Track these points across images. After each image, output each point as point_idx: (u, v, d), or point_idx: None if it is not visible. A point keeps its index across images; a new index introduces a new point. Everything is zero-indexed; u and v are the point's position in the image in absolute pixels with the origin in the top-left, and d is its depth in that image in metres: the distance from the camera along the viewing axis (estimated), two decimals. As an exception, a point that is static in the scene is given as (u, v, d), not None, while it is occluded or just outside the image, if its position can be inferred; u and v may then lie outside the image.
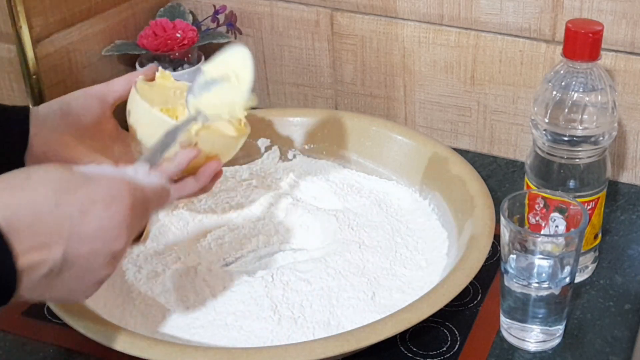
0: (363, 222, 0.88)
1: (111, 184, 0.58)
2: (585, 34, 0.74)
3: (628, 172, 0.96)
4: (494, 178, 0.98)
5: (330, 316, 0.75)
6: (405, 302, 0.72)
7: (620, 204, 0.93)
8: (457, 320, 0.77)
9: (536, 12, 0.93)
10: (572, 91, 0.75)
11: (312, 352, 0.65)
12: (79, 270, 0.56)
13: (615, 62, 0.91)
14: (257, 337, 0.73)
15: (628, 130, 0.94)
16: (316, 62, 1.09)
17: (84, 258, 0.56)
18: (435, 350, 0.74)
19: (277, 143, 0.99)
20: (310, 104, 1.12)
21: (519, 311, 0.73)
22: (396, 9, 1.00)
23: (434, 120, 1.05)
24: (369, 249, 0.83)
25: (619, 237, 0.88)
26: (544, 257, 0.70)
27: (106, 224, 0.56)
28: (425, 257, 0.83)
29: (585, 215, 0.71)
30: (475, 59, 0.99)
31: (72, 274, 0.56)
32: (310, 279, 0.79)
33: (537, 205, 0.74)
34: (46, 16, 0.97)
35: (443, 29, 0.99)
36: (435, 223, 0.87)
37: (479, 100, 1.01)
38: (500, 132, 1.01)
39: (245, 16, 1.10)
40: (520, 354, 0.73)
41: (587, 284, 0.81)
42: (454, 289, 0.71)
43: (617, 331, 0.75)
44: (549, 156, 0.78)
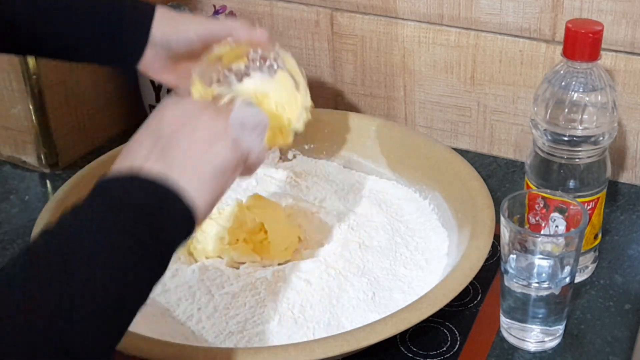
0: (363, 222, 0.88)
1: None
2: (585, 34, 0.74)
3: (628, 172, 0.96)
4: (494, 178, 0.98)
5: (330, 316, 0.75)
6: (405, 302, 0.72)
7: (620, 204, 0.93)
8: (457, 320, 0.77)
9: (536, 12, 0.93)
10: (572, 91, 0.75)
11: (312, 352, 0.65)
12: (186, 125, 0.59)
13: (615, 62, 0.91)
14: (257, 337, 0.73)
15: (628, 130, 0.94)
16: (316, 62, 1.08)
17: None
18: (435, 350, 0.74)
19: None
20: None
21: (519, 311, 0.73)
22: (396, 9, 1.00)
23: (434, 120, 1.05)
24: (369, 249, 0.83)
25: (619, 237, 0.88)
26: (544, 257, 0.70)
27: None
28: (425, 257, 0.83)
29: (585, 215, 0.71)
30: (475, 59, 0.99)
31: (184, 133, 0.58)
32: (310, 279, 0.79)
33: (537, 205, 0.74)
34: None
35: (443, 29, 0.99)
36: (435, 223, 0.87)
37: (479, 100, 1.01)
38: (500, 132, 1.01)
39: (245, 16, 1.10)
40: (520, 354, 0.73)
41: (587, 284, 0.81)
42: (454, 289, 0.71)
43: (617, 331, 0.75)
44: (549, 156, 0.78)
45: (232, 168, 0.60)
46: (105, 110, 1.08)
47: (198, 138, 0.58)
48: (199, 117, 0.59)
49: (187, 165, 0.57)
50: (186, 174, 0.57)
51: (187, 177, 0.56)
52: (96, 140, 1.07)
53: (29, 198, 0.98)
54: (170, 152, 0.57)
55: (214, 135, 0.59)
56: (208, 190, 0.58)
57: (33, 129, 1.00)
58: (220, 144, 0.59)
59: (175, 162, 0.57)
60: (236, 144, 0.60)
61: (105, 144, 1.06)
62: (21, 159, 1.04)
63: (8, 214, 0.95)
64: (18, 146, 1.03)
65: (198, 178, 0.57)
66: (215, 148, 0.59)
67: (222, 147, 0.59)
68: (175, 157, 0.57)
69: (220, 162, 0.59)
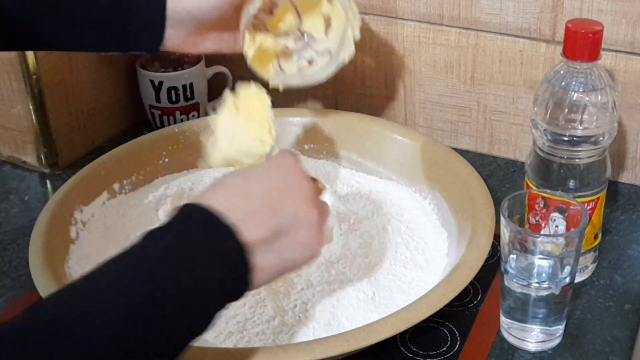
0: (363, 222, 0.88)
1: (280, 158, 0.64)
2: (585, 34, 0.74)
3: (628, 172, 0.96)
4: (494, 178, 0.98)
5: (330, 316, 0.75)
6: (405, 302, 0.72)
7: (620, 204, 0.93)
8: (457, 320, 0.77)
9: (536, 12, 0.93)
10: (572, 91, 0.75)
11: (312, 352, 0.65)
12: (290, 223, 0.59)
13: (615, 62, 0.91)
14: (257, 337, 0.73)
15: (628, 130, 0.94)
16: (316, 62, 1.08)
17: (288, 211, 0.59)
18: (435, 350, 0.74)
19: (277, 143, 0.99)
20: (310, 104, 1.12)
21: (519, 311, 0.73)
22: (396, 9, 1.00)
23: (434, 120, 1.05)
24: (369, 249, 0.83)
25: (619, 237, 0.88)
26: (544, 257, 0.70)
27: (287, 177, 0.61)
28: (425, 257, 0.83)
29: (585, 215, 0.71)
30: (475, 59, 0.99)
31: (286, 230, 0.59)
32: (310, 279, 0.79)
33: (537, 205, 0.74)
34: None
35: (443, 29, 0.99)
36: (435, 223, 0.87)
37: (479, 100, 1.01)
38: (500, 132, 1.01)
39: (245, 16, 1.10)
40: (520, 354, 0.73)
41: (587, 284, 0.81)
42: (454, 289, 0.71)
43: (617, 331, 0.75)
44: (549, 156, 0.78)
45: (300, 267, 0.62)
46: (105, 110, 1.08)
47: (301, 237, 0.60)
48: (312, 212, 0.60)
49: (276, 251, 0.58)
50: (268, 260, 0.58)
51: (267, 262, 0.58)
52: (96, 140, 1.07)
53: (29, 198, 0.98)
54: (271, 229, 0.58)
55: (311, 244, 0.61)
56: (265, 282, 0.59)
57: (33, 129, 1.00)
58: (308, 254, 0.61)
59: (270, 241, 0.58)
60: (320, 248, 0.62)
61: (105, 144, 1.06)
62: (21, 159, 1.04)
63: (8, 214, 0.95)
64: (18, 146, 1.03)
65: (275, 272, 0.59)
66: (303, 258, 0.61)
67: (307, 258, 0.61)
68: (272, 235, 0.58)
69: (295, 269, 0.62)
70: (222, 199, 0.57)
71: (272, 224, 0.58)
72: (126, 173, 0.92)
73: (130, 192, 0.92)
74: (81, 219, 0.86)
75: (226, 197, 0.57)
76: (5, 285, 0.83)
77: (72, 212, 0.85)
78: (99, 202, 0.89)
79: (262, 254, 0.57)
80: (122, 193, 0.91)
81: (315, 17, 0.83)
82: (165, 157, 0.95)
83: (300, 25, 0.83)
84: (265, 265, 0.58)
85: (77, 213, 0.85)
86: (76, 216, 0.85)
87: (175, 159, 0.96)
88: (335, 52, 0.84)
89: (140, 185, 0.93)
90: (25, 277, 0.83)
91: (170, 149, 0.96)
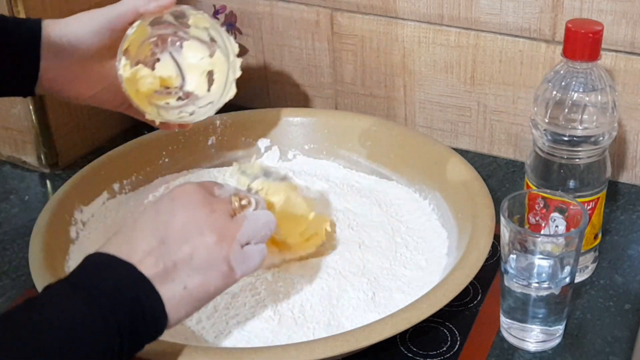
0: (363, 222, 0.88)
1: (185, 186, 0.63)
2: (585, 34, 0.74)
3: (628, 172, 0.96)
4: (494, 178, 0.98)
5: (330, 316, 0.75)
6: (405, 302, 0.72)
7: (620, 204, 0.93)
8: (457, 320, 0.77)
9: (536, 12, 0.93)
10: (572, 91, 0.75)
11: (312, 352, 0.65)
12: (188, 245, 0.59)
13: (615, 62, 0.91)
14: (257, 337, 0.73)
15: (628, 130, 0.94)
16: (316, 62, 1.08)
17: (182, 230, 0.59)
18: (435, 350, 0.74)
19: (277, 143, 0.99)
20: (310, 104, 1.12)
21: (519, 311, 0.73)
22: (396, 9, 1.00)
23: (434, 120, 1.05)
24: (369, 249, 0.83)
25: (619, 237, 0.88)
26: (544, 257, 0.70)
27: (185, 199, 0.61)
28: (425, 257, 0.83)
29: (585, 215, 0.71)
30: (475, 59, 0.99)
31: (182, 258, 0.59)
32: (310, 279, 0.79)
33: (537, 205, 0.74)
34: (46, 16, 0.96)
35: (443, 29, 0.99)
36: (435, 223, 0.87)
37: (479, 100, 1.01)
38: (500, 132, 1.01)
39: (245, 16, 1.10)
40: (520, 354, 0.73)
41: (587, 284, 0.81)
42: (454, 289, 0.71)
43: (617, 331, 0.75)
44: (549, 156, 0.78)
45: (218, 292, 0.62)
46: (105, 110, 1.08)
47: (197, 260, 0.59)
48: (203, 234, 0.60)
49: (177, 282, 0.59)
50: (173, 289, 0.58)
51: (171, 292, 0.58)
52: (96, 140, 1.07)
53: (29, 198, 0.98)
54: (167, 262, 0.58)
55: (211, 265, 0.60)
56: (186, 310, 0.60)
57: (33, 129, 1.00)
58: (216, 275, 0.60)
59: (169, 275, 0.58)
60: (231, 273, 0.61)
61: (105, 144, 1.06)
62: (21, 159, 1.04)
63: (8, 214, 0.95)
64: (18, 146, 1.03)
65: (181, 297, 0.59)
66: (209, 278, 0.60)
67: (216, 278, 0.60)
68: (168, 268, 0.58)
69: (208, 290, 0.61)
70: (115, 246, 0.59)
71: (167, 256, 0.58)
72: (126, 173, 0.92)
73: (130, 192, 0.92)
74: (81, 219, 0.86)
75: (118, 243, 0.59)
76: (5, 285, 0.83)
77: (72, 212, 0.85)
78: (99, 202, 0.89)
79: (164, 285, 0.58)
80: (122, 193, 0.91)
81: (198, 77, 0.80)
82: (165, 157, 0.95)
83: (184, 85, 0.80)
84: (171, 295, 0.58)
85: (77, 213, 0.85)
86: (76, 216, 0.85)
87: (175, 159, 0.96)
88: (217, 100, 0.80)
89: (140, 185, 0.93)
90: (25, 277, 0.83)
91: (170, 149, 0.96)
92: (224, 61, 0.78)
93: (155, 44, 0.78)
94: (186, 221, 0.60)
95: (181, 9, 0.76)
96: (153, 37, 0.77)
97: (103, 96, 0.77)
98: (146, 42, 0.76)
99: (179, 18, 0.77)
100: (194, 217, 0.60)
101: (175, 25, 0.78)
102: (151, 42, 0.77)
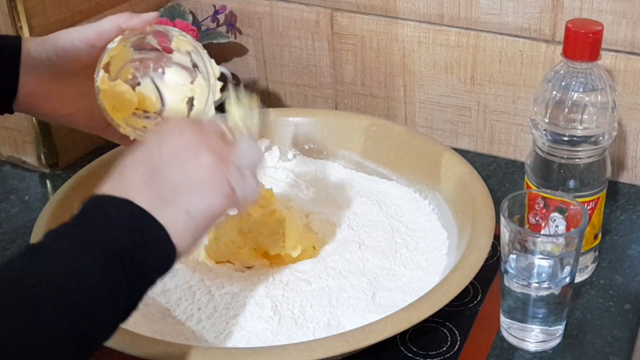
0: (363, 222, 0.88)
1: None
2: (585, 34, 0.74)
3: (628, 172, 0.96)
4: (494, 178, 0.98)
5: (330, 316, 0.75)
6: (405, 302, 0.72)
7: (620, 204, 0.93)
8: (457, 320, 0.77)
9: (536, 12, 0.93)
10: (572, 91, 0.75)
11: (312, 352, 0.65)
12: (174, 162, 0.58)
13: (615, 62, 0.91)
14: (257, 337, 0.73)
15: (628, 130, 0.94)
16: (316, 62, 1.08)
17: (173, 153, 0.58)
18: (435, 350, 0.74)
19: (277, 143, 0.99)
20: (310, 104, 1.12)
21: (519, 311, 0.73)
22: (396, 9, 1.00)
23: (434, 120, 1.05)
24: (369, 249, 0.83)
25: (619, 237, 0.88)
26: (544, 257, 0.70)
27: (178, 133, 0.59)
28: (425, 257, 0.83)
29: (585, 215, 0.71)
30: (475, 59, 0.99)
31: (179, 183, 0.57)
32: (310, 279, 0.79)
33: (537, 205, 0.74)
34: (46, 16, 0.97)
35: (443, 29, 0.99)
36: (435, 223, 0.87)
37: (479, 100, 1.01)
38: (500, 132, 1.01)
39: (245, 16, 1.10)
40: (520, 354, 0.73)
41: (587, 284, 0.81)
42: (454, 289, 0.71)
43: (617, 331, 0.75)
44: (549, 156, 0.78)
45: (221, 214, 0.60)
46: (105, 110, 1.08)
47: (195, 181, 0.58)
48: (199, 156, 0.58)
49: (177, 207, 0.57)
50: (175, 216, 0.56)
51: (175, 220, 0.56)
52: (96, 140, 1.07)
53: (29, 198, 0.98)
54: (162, 188, 0.57)
55: (212, 185, 0.58)
56: (192, 236, 0.58)
57: (33, 129, 1.00)
58: (217, 196, 0.58)
59: (166, 201, 0.56)
60: (232, 193, 0.59)
61: (105, 144, 1.05)
62: (21, 159, 1.04)
63: (8, 214, 0.95)
64: (18, 146, 1.03)
65: (185, 222, 0.57)
66: (210, 198, 0.58)
67: (218, 198, 0.58)
68: (166, 196, 0.56)
69: (212, 212, 0.59)
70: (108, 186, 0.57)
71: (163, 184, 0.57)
72: (126, 173, 0.92)
73: (130, 192, 0.92)
74: (81, 219, 0.85)
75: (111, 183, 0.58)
76: (5, 285, 0.83)
77: (72, 212, 0.84)
78: (99, 202, 0.88)
79: (164, 213, 0.56)
80: (122, 193, 0.91)
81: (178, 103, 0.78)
82: (165, 157, 0.95)
83: (163, 110, 0.78)
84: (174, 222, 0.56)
85: (77, 213, 0.85)
86: (76, 216, 0.85)
87: (175, 159, 0.96)
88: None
89: (140, 185, 0.93)
90: (25, 277, 0.83)
91: (170, 149, 0.96)
92: (205, 87, 0.76)
93: (137, 68, 0.76)
94: (178, 147, 0.58)
95: (164, 28, 0.75)
96: (135, 62, 0.76)
97: (77, 117, 0.76)
98: (127, 65, 0.75)
99: (162, 38, 0.75)
100: (185, 142, 0.58)
101: (158, 50, 0.76)
102: (132, 65, 0.76)
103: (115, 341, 0.66)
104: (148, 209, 0.55)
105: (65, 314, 0.50)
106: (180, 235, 0.57)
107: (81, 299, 0.51)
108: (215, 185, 0.58)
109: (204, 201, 0.58)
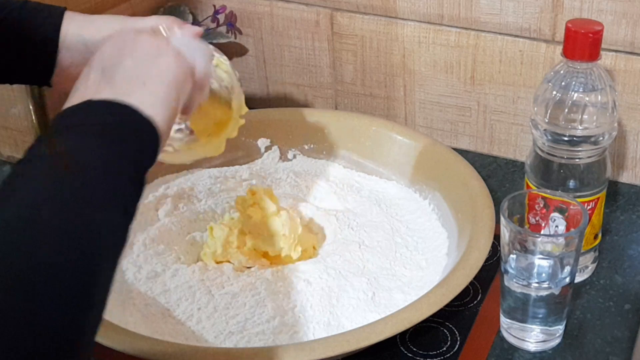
0: (363, 222, 0.88)
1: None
2: (585, 34, 0.74)
3: (628, 172, 0.96)
4: (494, 178, 0.98)
5: (330, 316, 0.75)
6: (405, 302, 0.72)
7: (620, 204, 0.93)
8: (457, 320, 0.77)
9: (536, 12, 0.93)
10: (572, 91, 0.75)
11: (312, 352, 0.65)
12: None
13: (615, 62, 0.91)
14: (257, 337, 0.73)
15: (628, 130, 0.94)
16: (316, 62, 1.09)
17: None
18: (435, 350, 0.74)
19: (277, 143, 0.99)
20: (310, 104, 1.12)
21: (519, 311, 0.73)
22: (396, 9, 1.00)
23: (434, 120, 1.05)
24: (369, 249, 0.83)
25: (619, 237, 0.88)
26: (544, 257, 0.70)
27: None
28: (425, 257, 0.83)
29: (585, 215, 0.71)
30: (475, 59, 0.99)
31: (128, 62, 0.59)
32: (310, 279, 0.79)
33: (537, 205, 0.74)
34: (46, 16, 0.97)
35: (443, 29, 0.99)
36: (435, 223, 0.87)
37: (479, 100, 1.01)
38: (500, 132, 1.01)
39: (245, 16, 1.10)
40: (520, 354, 0.73)
41: (587, 284, 0.81)
42: (454, 289, 0.71)
43: (617, 331, 0.75)
44: (549, 156, 0.78)
45: (182, 80, 0.60)
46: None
47: (140, 56, 0.59)
48: (137, 39, 0.60)
49: (135, 83, 0.57)
50: (137, 92, 0.57)
51: (138, 95, 0.56)
52: (96, 140, 1.07)
53: (29, 198, 0.98)
54: (116, 76, 0.57)
55: (155, 51, 0.60)
56: (162, 104, 0.57)
57: (33, 129, 1.00)
58: (164, 58, 0.60)
59: (124, 84, 0.57)
60: (180, 56, 0.61)
61: (105, 144, 1.06)
62: (21, 159, 1.03)
63: (8, 214, 0.94)
64: (18, 146, 1.03)
65: (150, 93, 0.57)
66: (159, 62, 0.59)
67: (167, 61, 0.60)
68: (122, 80, 0.57)
69: (168, 74, 0.59)
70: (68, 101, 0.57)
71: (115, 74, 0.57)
72: (126, 173, 0.92)
73: (130, 192, 0.92)
74: (81, 219, 0.85)
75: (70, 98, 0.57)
76: (5, 285, 0.83)
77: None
78: (99, 202, 0.88)
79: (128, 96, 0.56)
80: (122, 193, 0.91)
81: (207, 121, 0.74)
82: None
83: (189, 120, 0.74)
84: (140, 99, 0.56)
85: (77, 213, 0.85)
86: (76, 216, 0.85)
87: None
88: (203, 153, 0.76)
89: (140, 185, 0.93)
90: (25, 277, 0.83)
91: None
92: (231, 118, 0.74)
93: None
94: (115, 44, 0.60)
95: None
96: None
97: None
98: None
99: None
100: (124, 38, 0.61)
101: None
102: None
103: (115, 341, 0.67)
104: (112, 99, 0.55)
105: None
106: (152, 109, 0.56)
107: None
108: (161, 51, 0.60)
109: (154, 69, 0.59)
